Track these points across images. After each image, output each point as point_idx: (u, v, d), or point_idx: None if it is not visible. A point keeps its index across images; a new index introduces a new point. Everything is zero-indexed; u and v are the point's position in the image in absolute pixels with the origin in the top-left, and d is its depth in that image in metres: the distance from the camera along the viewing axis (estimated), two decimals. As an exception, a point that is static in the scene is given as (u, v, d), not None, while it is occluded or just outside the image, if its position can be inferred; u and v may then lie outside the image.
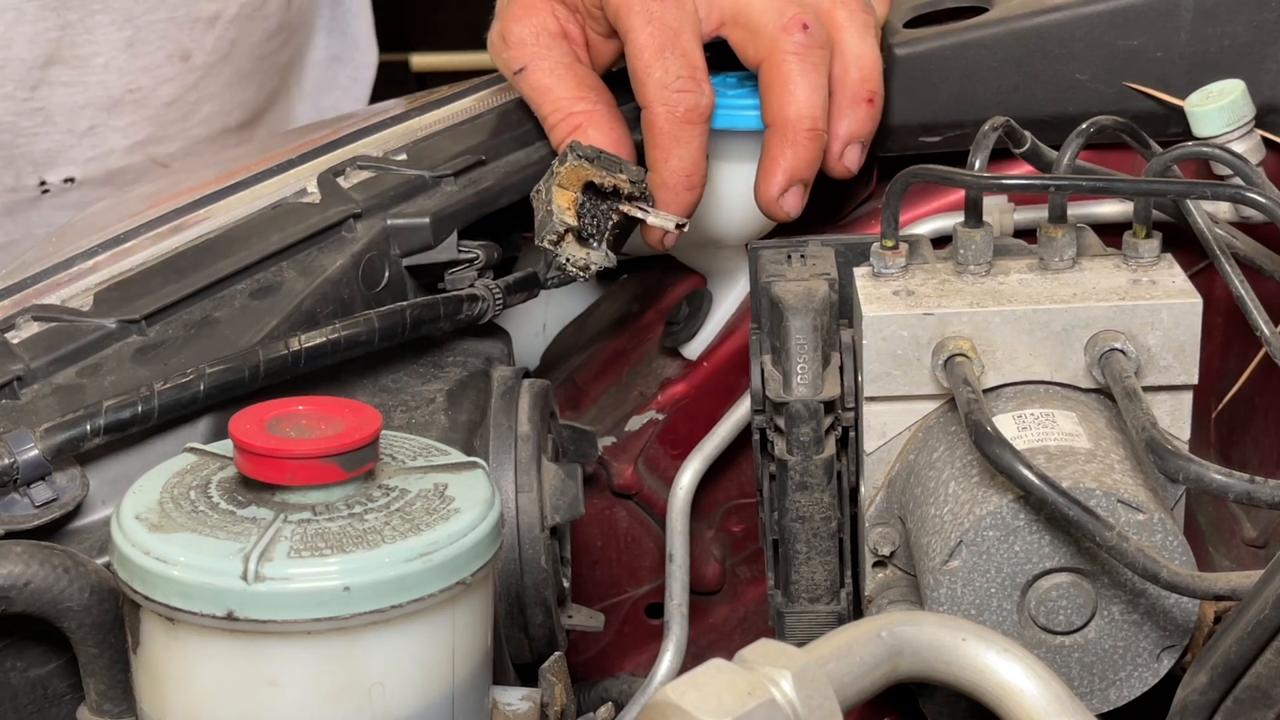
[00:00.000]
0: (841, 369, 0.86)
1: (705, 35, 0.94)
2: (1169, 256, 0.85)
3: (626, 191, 0.90)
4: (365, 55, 1.57)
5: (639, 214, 0.91)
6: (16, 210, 1.34)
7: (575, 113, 0.95)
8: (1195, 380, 0.83)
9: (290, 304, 0.86)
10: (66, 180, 1.34)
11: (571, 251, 0.90)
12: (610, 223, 0.90)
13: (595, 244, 0.90)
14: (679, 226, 0.92)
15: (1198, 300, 0.82)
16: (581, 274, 0.91)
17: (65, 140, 1.33)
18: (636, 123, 0.94)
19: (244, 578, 0.66)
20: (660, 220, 0.91)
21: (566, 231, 0.90)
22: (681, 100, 0.92)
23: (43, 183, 1.33)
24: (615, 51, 0.98)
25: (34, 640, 0.76)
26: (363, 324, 0.84)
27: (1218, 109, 0.94)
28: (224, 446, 0.74)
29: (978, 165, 0.86)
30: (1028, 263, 0.86)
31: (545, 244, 0.90)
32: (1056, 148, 0.89)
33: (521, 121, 1.00)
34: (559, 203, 0.89)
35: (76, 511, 0.77)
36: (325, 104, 1.54)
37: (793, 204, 0.94)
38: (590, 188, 0.90)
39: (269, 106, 1.47)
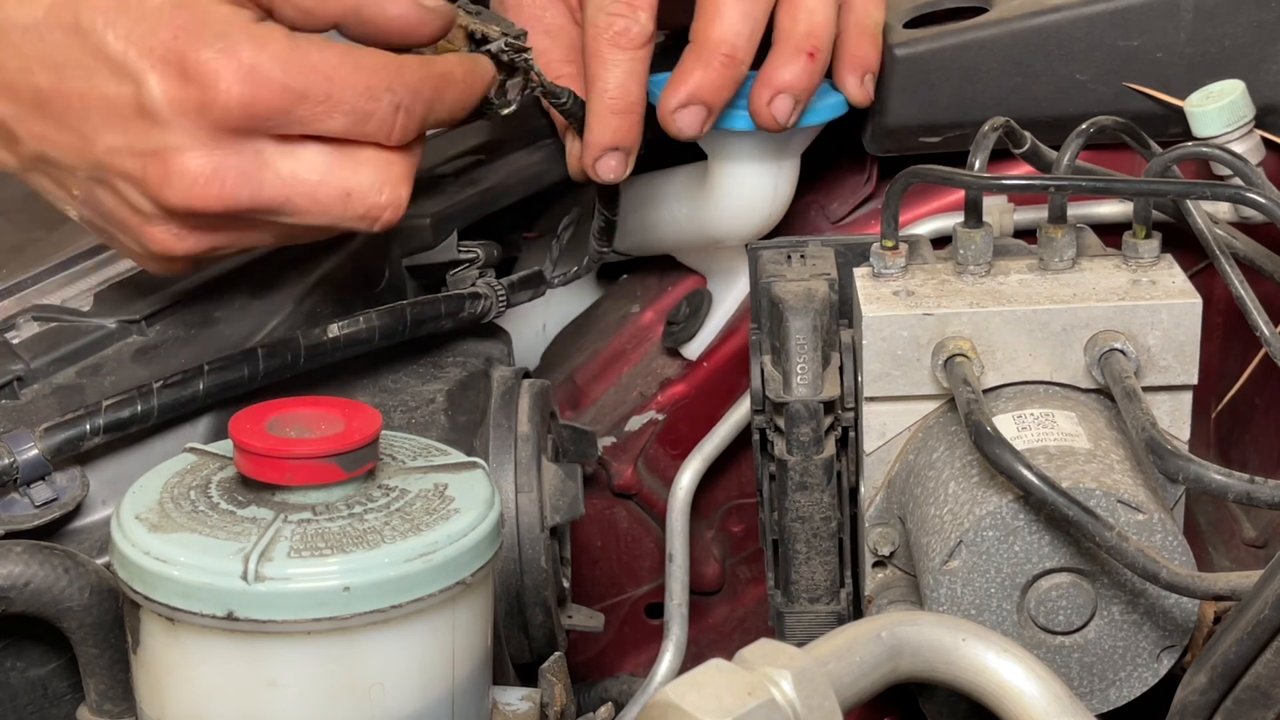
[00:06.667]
0: (841, 369, 0.86)
1: None
2: (1169, 256, 0.85)
3: (495, 39, 0.86)
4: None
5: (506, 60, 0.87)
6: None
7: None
8: (1195, 380, 0.83)
9: (290, 304, 0.86)
10: None
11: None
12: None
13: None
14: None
15: (1197, 300, 0.82)
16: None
17: None
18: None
19: (244, 578, 0.66)
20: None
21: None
22: (612, 23, 0.90)
23: None
24: None
25: (34, 640, 0.76)
26: (363, 323, 0.84)
27: (1218, 109, 0.94)
28: (224, 446, 0.74)
29: (978, 165, 0.86)
30: (1028, 263, 0.86)
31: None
32: (1056, 148, 0.89)
33: (522, 121, 1.00)
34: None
35: (76, 511, 0.77)
36: None
37: (687, 122, 0.91)
38: (471, 39, 0.86)
39: None
